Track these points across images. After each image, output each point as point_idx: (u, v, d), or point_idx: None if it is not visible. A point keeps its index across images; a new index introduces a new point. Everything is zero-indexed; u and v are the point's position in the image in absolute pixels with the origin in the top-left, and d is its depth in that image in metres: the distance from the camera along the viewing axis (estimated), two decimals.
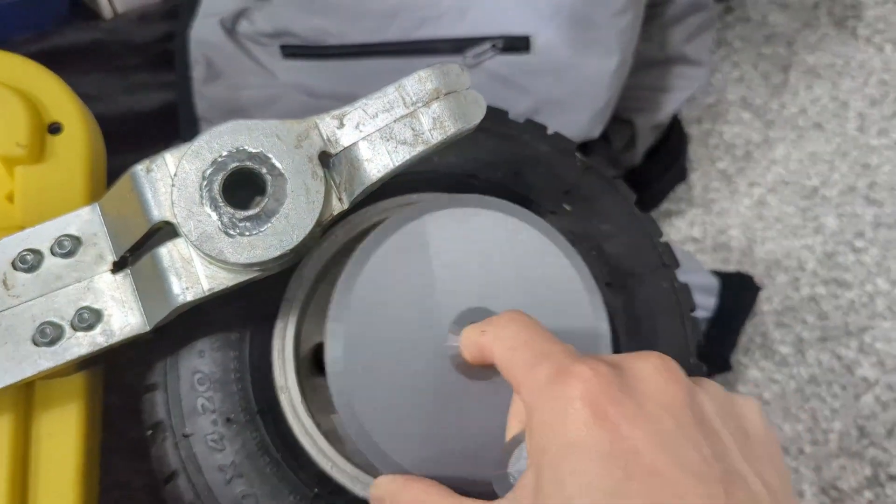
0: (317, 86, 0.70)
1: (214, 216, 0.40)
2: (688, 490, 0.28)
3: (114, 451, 0.72)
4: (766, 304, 0.92)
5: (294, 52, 0.70)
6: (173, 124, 0.73)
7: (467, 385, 0.41)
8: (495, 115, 0.53)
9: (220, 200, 0.40)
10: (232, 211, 0.40)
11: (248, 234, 0.40)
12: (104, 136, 0.56)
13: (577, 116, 0.70)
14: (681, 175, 0.91)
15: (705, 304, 0.82)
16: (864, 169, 0.98)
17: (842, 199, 0.96)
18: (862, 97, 1.01)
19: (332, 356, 0.40)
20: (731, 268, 0.93)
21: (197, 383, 0.44)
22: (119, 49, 0.75)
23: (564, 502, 0.28)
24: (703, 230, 0.95)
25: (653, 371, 0.31)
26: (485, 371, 0.40)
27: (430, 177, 0.50)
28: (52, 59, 0.54)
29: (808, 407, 0.89)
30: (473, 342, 0.38)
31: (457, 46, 0.69)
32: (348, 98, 0.71)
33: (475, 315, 0.42)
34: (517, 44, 0.68)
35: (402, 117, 0.41)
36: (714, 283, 0.81)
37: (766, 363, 0.90)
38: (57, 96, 0.50)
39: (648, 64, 0.80)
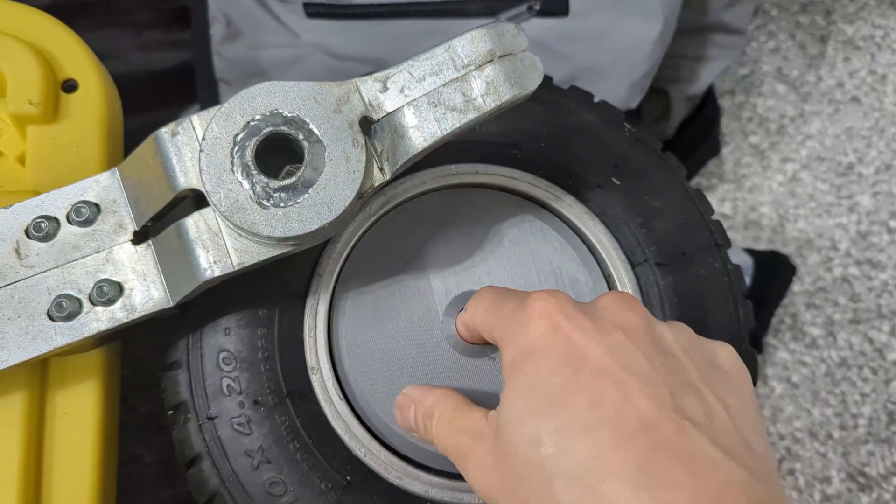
0: (341, 47, 0.67)
1: (247, 185, 0.37)
2: (632, 388, 0.31)
3: (125, 424, 0.70)
4: (797, 284, 0.89)
5: (318, 10, 0.66)
6: (189, 86, 0.70)
7: (467, 364, 0.43)
8: None
9: (253, 168, 0.37)
10: (266, 180, 0.37)
11: (282, 205, 0.37)
12: None
13: (615, 85, 0.67)
14: (713, 149, 0.87)
15: None
16: None
17: (878, 178, 0.93)
18: None
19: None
20: (761, 246, 0.90)
21: (222, 363, 0.42)
22: (132, 4, 0.71)
23: (524, 394, 0.32)
24: (733, 207, 0.91)
25: (611, 299, 0.34)
26: (484, 349, 0.43)
27: (470, 147, 0.47)
28: (60, 13, 0.50)
29: (838, 391, 0.87)
30: (460, 322, 0.42)
31: (490, 8, 0.65)
32: (373, 61, 0.68)
33: (468, 298, 0.44)
34: (554, 7, 0.64)
35: (451, 81, 0.37)
36: (748, 261, 0.78)
37: (795, 345, 0.88)
38: (71, 52, 0.47)
39: (686, 31, 0.77)
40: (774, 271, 0.79)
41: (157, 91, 0.71)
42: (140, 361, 0.62)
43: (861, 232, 0.91)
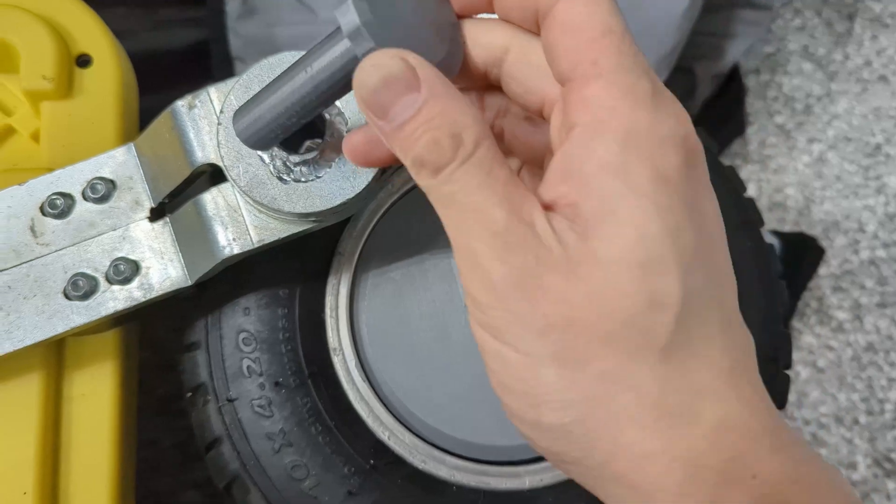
0: None
1: (266, 159, 0.36)
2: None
3: (142, 408, 0.69)
4: (824, 267, 0.87)
5: None
6: (204, 64, 0.68)
7: None
8: None
9: None
10: (286, 154, 0.36)
11: (303, 180, 0.36)
12: None
13: None
14: (738, 129, 0.85)
15: None
16: None
17: None
18: None
19: None
20: (786, 228, 0.88)
21: (242, 343, 0.41)
22: None
23: (653, 235, 0.25)
24: (758, 188, 0.89)
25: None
26: None
27: None
28: None
29: (865, 375, 0.85)
30: None
31: None
32: None
33: None
34: None
35: None
36: (775, 243, 0.77)
37: (821, 329, 0.86)
38: (85, 25, 0.45)
39: (712, 7, 0.74)
40: (802, 253, 0.78)
41: (172, 70, 0.69)
42: (157, 343, 0.61)
43: (889, 214, 0.89)
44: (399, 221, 0.44)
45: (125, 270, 0.38)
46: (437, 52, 0.27)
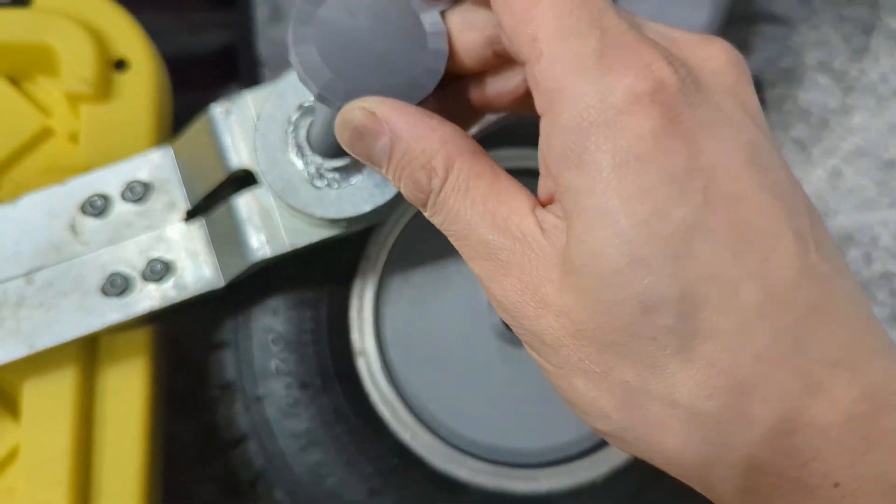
0: None
1: (300, 165, 0.37)
2: (778, 224, 0.22)
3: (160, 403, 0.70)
4: None
5: None
6: (230, 67, 0.70)
7: (512, 354, 0.43)
8: None
9: (308, 148, 0.37)
10: (320, 160, 0.37)
11: (335, 186, 0.37)
12: None
13: None
14: None
15: None
16: None
17: None
18: None
19: None
20: None
21: (271, 343, 0.42)
22: None
23: (624, 233, 0.22)
24: None
25: (728, 65, 0.24)
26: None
27: (516, 131, 0.47)
28: None
29: None
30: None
31: None
32: None
33: None
34: None
35: None
36: None
37: None
38: (123, 30, 0.47)
39: (731, 21, 0.75)
40: None
41: (200, 73, 0.71)
42: (173, 341, 0.63)
43: None
44: (424, 227, 0.45)
45: (160, 270, 0.39)
46: (412, 68, 0.27)
